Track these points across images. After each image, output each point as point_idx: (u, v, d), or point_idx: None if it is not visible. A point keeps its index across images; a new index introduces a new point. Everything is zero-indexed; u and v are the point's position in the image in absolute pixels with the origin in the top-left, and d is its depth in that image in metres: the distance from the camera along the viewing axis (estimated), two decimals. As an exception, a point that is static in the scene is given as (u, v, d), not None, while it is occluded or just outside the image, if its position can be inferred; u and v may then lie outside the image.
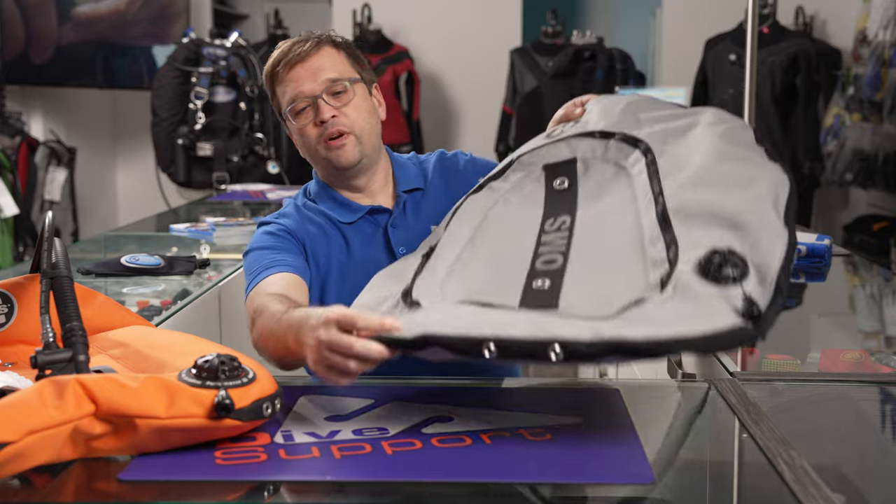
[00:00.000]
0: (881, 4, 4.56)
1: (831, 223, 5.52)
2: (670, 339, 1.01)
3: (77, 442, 1.01)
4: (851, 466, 1.13)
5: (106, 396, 1.00)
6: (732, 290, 1.06)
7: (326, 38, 1.67)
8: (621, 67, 4.80)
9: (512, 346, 1.04)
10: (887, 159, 4.57)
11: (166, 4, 5.38)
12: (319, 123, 1.62)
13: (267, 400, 1.10)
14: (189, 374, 1.07)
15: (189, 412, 1.03)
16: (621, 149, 1.42)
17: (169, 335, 1.38)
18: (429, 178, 1.75)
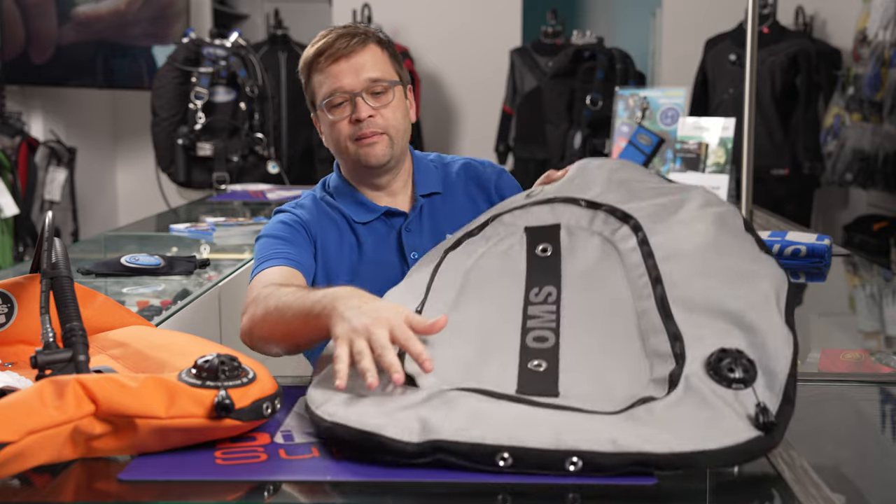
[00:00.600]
0: (881, 4, 4.56)
1: (831, 223, 5.52)
2: (694, 453, 0.98)
3: (77, 442, 1.01)
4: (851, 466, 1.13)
5: (106, 396, 1.00)
6: (744, 396, 1.04)
7: (373, 36, 1.66)
8: (621, 67, 4.80)
9: (529, 456, 0.98)
10: (887, 159, 4.57)
11: (166, 4, 5.38)
12: (354, 121, 1.61)
13: (267, 400, 1.10)
14: (189, 375, 1.07)
15: (189, 412, 1.03)
16: (608, 222, 1.35)
17: (169, 335, 1.37)
18: (450, 182, 1.75)
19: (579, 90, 4.82)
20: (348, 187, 1.71)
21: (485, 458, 0.99)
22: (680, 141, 3.83)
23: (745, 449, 1.00)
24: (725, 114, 4.47)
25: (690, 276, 1.24)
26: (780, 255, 2.28)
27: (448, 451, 1.00)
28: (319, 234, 1.67)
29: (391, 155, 1.64)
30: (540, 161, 5.14)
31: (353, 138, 1.62)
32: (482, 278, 1.33)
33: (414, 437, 1.01)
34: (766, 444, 1.01)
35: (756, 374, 1.07)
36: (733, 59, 4.92)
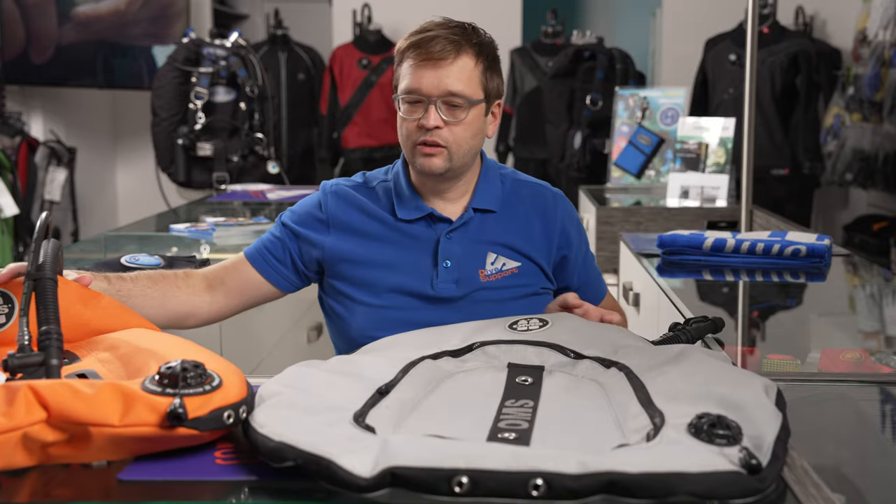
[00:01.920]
0: (881, 4, 4.56)
1: (831, 223, 5.52)
2: (669, 473, 0.90)
3: (31, 449, 0.99)
4: (851, 466, 1.13)
5: (58, 403, 0.97)
6: (728, 448, 0.96)
7: (474, 47, 1.61)
8: (621, 67, 4.80)
9: (488, 479, 0.90)
10: (887, 159, 4.57)
11: (166, 4, 5.38)
12: (421, 126, 1.60)
13: (229, 408, 1.05)
14: (152, 381, 1.04)
15: (143, 420, 1.00)
16: (594, 367, 1.30)
17: (163, 339, 1.35)
18: (512, 202, 1.71)
19: (579, 90, 4.83)
20: (406, 180, 1.70)
21: (440, 484, 0.91)
22: (680, 141, 3.83)
23: (726, 480, 0.91)
24: (725, 114, 4.47)
25: (677, 378, 1.20)
26: (780, 255, 2.29)
27: (401, 479, 0.92)
28: (343, 223, 1.68)
29: (448, 168, 1.62)
30: (540, 161, 5.14)
31: (416, 142, 1.61)
32: (457, 385, 1.25)
33: (367, 469, 0.93)
34: (751, 484, 0.92)
35: (741, 436, 0.99)
36: (733, 59, 4.92)
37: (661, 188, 4.02)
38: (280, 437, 1.00)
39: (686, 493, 0.90)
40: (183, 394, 1.02)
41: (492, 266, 1.67)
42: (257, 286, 1.70)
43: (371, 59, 5.35)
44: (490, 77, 1.64)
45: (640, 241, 2.70)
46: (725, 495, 0.91)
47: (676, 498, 0.90)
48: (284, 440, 0.99)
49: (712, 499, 0.91)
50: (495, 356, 1.33)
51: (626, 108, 4.32)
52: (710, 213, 3.51)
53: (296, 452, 0.97)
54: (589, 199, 3.80)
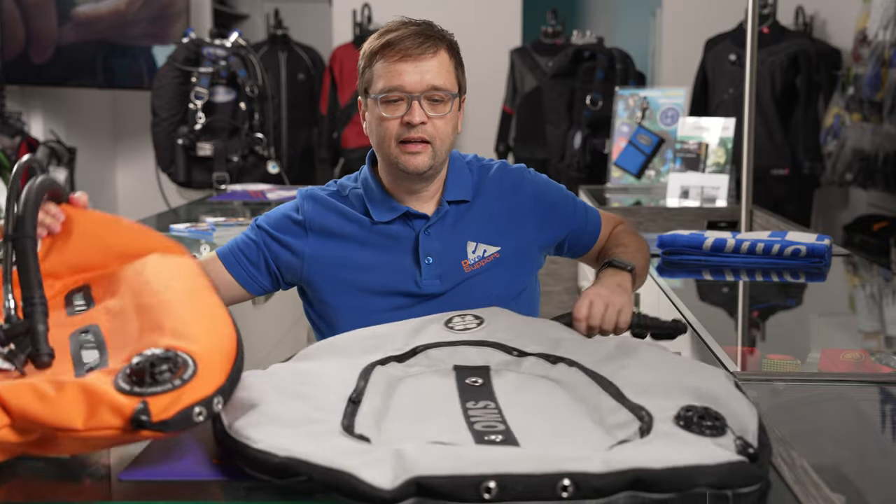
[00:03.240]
0: (881, 4, 4.56)
1: (831, 223, 5.52)
2: (689, 467, 0.93)
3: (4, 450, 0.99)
4: (851, 466, 1.13)
5: (21, 407, 0.96)
6: (720, 438, 1.00)
7: (445, 42, 1.63)
8: (621, 67, 4.80)
9: (516, 483, 0.89)
10: (887, 159, 4.57)
11: (166, 4, 5.38)
12: (405, 123, 1.59)
13: (201, 404, 1.00)
14: (123, 376, 1.00)
15: (107, 424, 0.96)
16: (539, 363, 1.30)
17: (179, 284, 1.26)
18: (482, 188, 1.72)
19: (579, 90, 4.83)
20: (376, 182, 1.69)
21: (468, 491, 0.89)
22: (680, 141, 3.83)
23: (736, 469, 0.95)
24: (725, 114, 4.47)
25: (641, 371, 1.20)
26: (780, 255, 2.29)
27: (427, 489, 0.90)
28: (321, 227, 1.68)
29: (431, 165, 1.62)
30: (540, 161, 5.14)
31: (399, 140, 1.60)
32: (410, 391, 1.24)
33: (387, 481, 0.91)
34: (754, 472, 0.96)
35: (726, 426, 1.02)
36: (733, 59, 4.92)
37: (661, 188, 4.02)
38: (287, 452, 0.96)
39: (704, 485, 0.93)
40: (149, 393, 0.97)
41: (473, 255, 1.67)
42: (226, 286, 1.67)
43: (371, 59, 5.34)
44: (460, 72, 1.67)
45: (640, 241, 2.69)
46: (737, 484, 0.95)
47: (694, 490, 0.93)
48: (293, 455, 0.95)
49: (725, 488, 0.94)
50: (439, 359, 1.32)
51: (626, 108, 4.32)
52: (710, 213, 3.51)
53: (309, 467, 0.93)
54: (589, 199, 3.80)
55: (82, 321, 1.23)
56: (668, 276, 2.25)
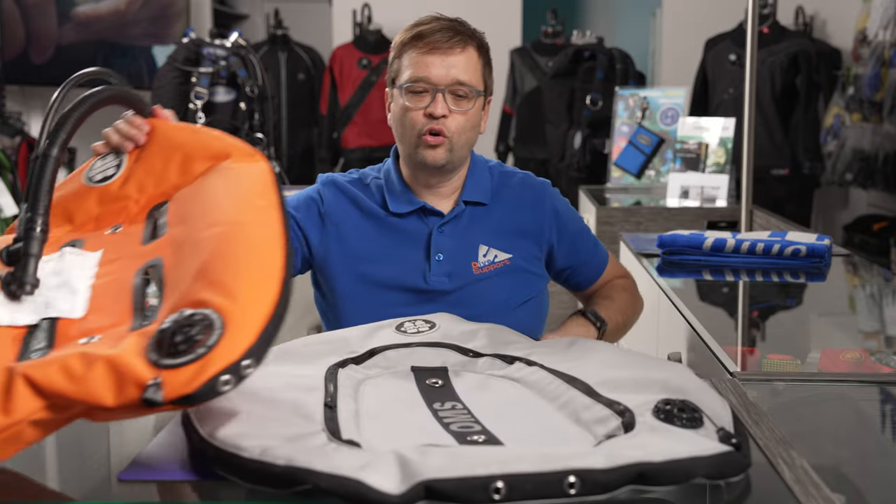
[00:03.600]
0: (881, 4, 4.56)
1: (831, 223, 5.52)
2: (688, 459, 0.94)
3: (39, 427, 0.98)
4: (851, 466, 1.13)
5: (51, 385, 0.95)
6: (702, 430, 1.01)
7: (476, 40, 1.65)
8: (621, 67, 4.80)
9: (524, 482, 0.89)
10: (887, 159, 4.57)
11: (166, 4, 5.38)
12: (428, 115, 1.61)
13: (229, 371, 0.94)
14: (152, 343, 0.96)
15: (135, 399, 0.94)
16: (495, 363, 1.31)
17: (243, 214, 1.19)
18: (501, 194, 1.72)
19: (579, 90, 4.83)
20: (398, 176, 1.71)
21: (477, 492, 0.89)
22: (680, 141, 3.83)
23: (727, 459, 0.96)
24: (725, 114, 4.47)
25: (607, 369, 1.21)
26: (780, 255, 2.29)
27: (436, 492, 0.89)
28: (337, 217, 1.68)
29: (448, 160, 1.63)
30: (540, 161, 5.14)
31: (420, 132, 1.62)
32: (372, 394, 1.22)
33: (394, 485, 0.89)
34: (742, 461, 0.97)
35: (704, 417, 1.04)
36: (733, 59, 4.92)
37: (661, 188, 4.02)
38: (287, 461, 0.94)
39: (702, 476, 0.95)
40: (169, 365, 0.93)
41: (484, 258, 1.68)
42: None
43: (371, 59, 5.35)
44: (488, 73, 1.68)
45: (640, 241, 2.70)
46: (729, 474, 0.96)
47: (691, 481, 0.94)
48: (294, 464, 0.93)
49: (720, 478, 0.96)
50: (396, 360, 1.32)
51: (626, 108, 4.32)
52: (710, 213, 3.51)
53: (313, 475, 0.92)
54: (589, 199, 3.80)
55: (152, 252, 1.20)
56: (668, 276, 2.25)
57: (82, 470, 1.04)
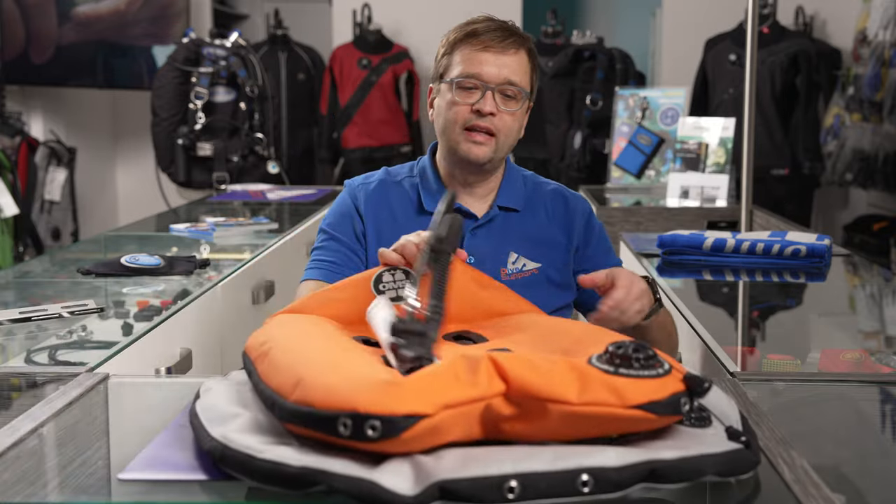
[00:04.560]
0: (881, 4, 4.56)
1: (831, 223, 5.52)
2: (698, 456, 0.94)
3: (486, 421, 0.96)
4: (851, 466, 1.13)
5: (518, 375, 0.95)
6: (710, 429, 1.03)
7: (528, 44, 1.67)
8: (621, 67, 4.80)
9: (538, 481, 0.89)
10: (887, 159, 4.57)
11: (166, 4, 5.38)
12: (475, 111, 1.62)
13: (684, 395, 0.99)
14: (600, 360, 1.00)
15: (602, 399, 0.95)
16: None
17: (562, 323, 1.34)
18: (534, 202, 1.73)
19: (579, 90, 4.83)
20: (434, 173, 1.72)
21: (491, 492, 0.89)
22: (680, 141, 3.83)
23: (736, 457, 0.97)
24: (725, 114, 4.47)
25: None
26: (780, 255, 2.29)
27: (450, 493, 0.89)
28: (372, 218, 1.70)
29: (491, 158, 1.65)
30: (540, 161, 5.14)
31: (465, 126, 1.63)
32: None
33: (409, 487, 0.89)
34: (751, 459, 0.98)
35: (712, 416, 1.05)
36: (733, 59, 4.92)
37: (661, 188, 4.02)
38: (300, 461, 0.93)
39: (712, 474, 0.95)
40: (640, 375, 0.98)
41: (513, 265, 1.68)
42: None
43: (371, 59, 5.35)
44: (535, 77, 1.70)
45: (640, 241, 2.70)
46: (738, 471, 0.96)
47: (702, 479, 0.94)
48: (307, 465, 0.92)
49: (730, 476, 0.96)
50: None
51: (626, 108, 4.32)
52: (710, 213, 3.51)
53: (328, 476, 0.91)
54: (589, 199, 3.80)
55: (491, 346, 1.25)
56: (668, 276, 2.25)
57: (82, 470, 1.04)
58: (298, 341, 1.19)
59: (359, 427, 0.91)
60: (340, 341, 1.23)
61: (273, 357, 1.13)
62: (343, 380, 0.97)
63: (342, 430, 0.92)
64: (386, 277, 1.41)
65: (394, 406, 0.90)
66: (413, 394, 0.92)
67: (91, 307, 1.84)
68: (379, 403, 0.91)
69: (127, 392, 1.39)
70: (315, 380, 0.99)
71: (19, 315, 1.77)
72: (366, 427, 0.90)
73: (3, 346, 1.64)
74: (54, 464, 1.07)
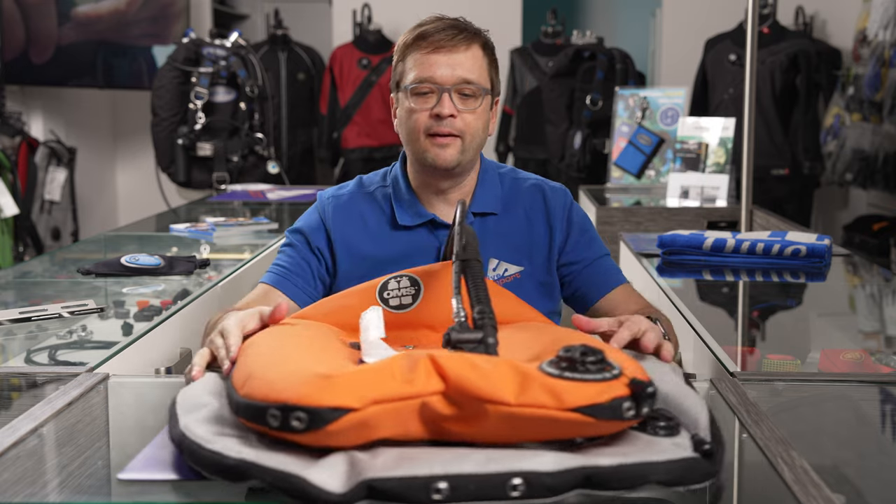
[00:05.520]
0: (881, 4, 4.56)
1: (831, 223, 5.52)
2: (639, 464, 0.92)
3: (427, 420, 0.97)
4: (851, 466, 1.13)
5: (456, 374, 0.94)
6: (675, 438, 1.00)
7: (480, 37, 1.62)
8: (621, 67, 4.80)
9: (467, 483, 0.88)
10: (887, 159, 4.57)
11: (166, 4, 5.38)
12: (435, 115, 1.57)
13: (629, 399, 0.97)
14: (550, 364, 0.99)
15: (540, 402, 0.94)
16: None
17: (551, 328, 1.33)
18: (512, 201, 1.68)
19: (579, 90, 4.82)
20: (406, 183, 1.67)
21: (419, 492, 0.88)
22: (680, 141, 3.83)
23: (688, 466, 0.94)
24: (725, 114, 4.47)
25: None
26: (780, 255, 2.29)
27: (377, 492, 0.89)
28: (340, 231, 1.66)
29: (459, 161, 1.60)
30: (540, 161, 5.14)
31: (428, 133, 1.58)
32: None
33: (338, 484, 0.89)
34: (706, 469, 0.95)
35: (679, 426, 1.03)
36: (733, 59, 4.92)
37: (661, 188, 4.02)
38: (239, 454, 0.94)
39: (655, 482, 0.92)
40: (583, 378, 0.96)
41: (494, 272, 1.64)
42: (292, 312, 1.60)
43: (371, 59, 5.35)
44: (494, 71, 1.64)
45: (640, 241, 2.70)
46: (689, 481, 0.93)
47: (645, 487, 0.92)
48: (244, 457, 0.94)
49: (677, 485, 0.93)
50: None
51: (626, 108, 4.32)
52: (710, 213, 3.51)
53: (260, 470, 0.92)
54: (589, 199, 3.80)
55: None
56: (668, 276, 2.25)
57: (82, 470, 1.04)
58: (278, 341, 1.21)
59: (286, 418, 0.93)
60: (325, 344, 1.23)
61: (245, 354, 1.17)
62: (281, 374, 1.00)
63: (272, 421, 0.95)
64: (392, 285, 1.41)
65: (321, 399, 0.93)
66: (343, 388, 0.94)
67: (91, 307, 1.84)
68: (307, 396, 0.93)
69: (127, 392, 1.39)
70: (260, 375, 1.03)
71: (19, 315, 1.77)
72: (292, 418, 0.93)
73: (3, 346, 1.64)
74: (54, 464, 1.08)
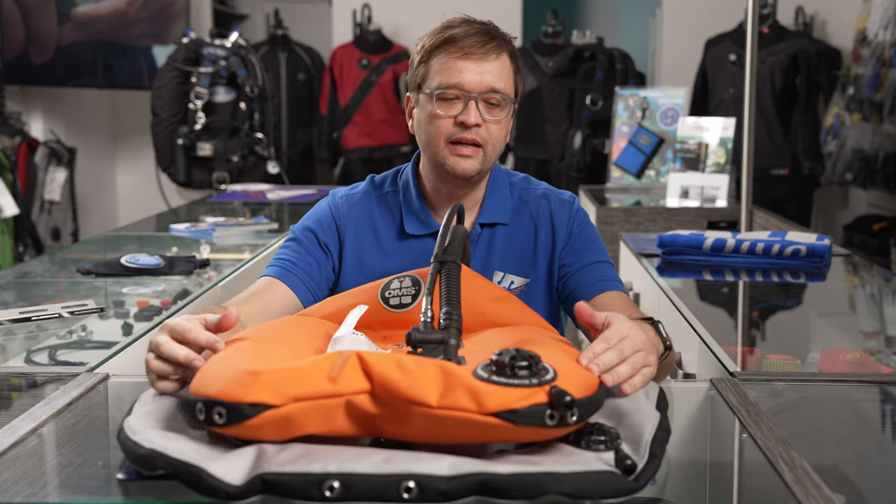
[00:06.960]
0: (881, 4, 4.56)
1: (831, 223, 5.52)
2: (539, 473, 0.91)
3: (355, 419, 0.97)
4: (851, 466, 1.13)
5: (381, 374, 0.95)
6: (604, 454, 0.97)
7: (509, 46, 1.58)
8: (621, 67, 4.80)
9: (359, 483, 0.89)
10: (887, 159, 4.57)
11: (166, 4, 5.38)
12: (459, 123, 1.53)
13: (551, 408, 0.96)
14: (483, 367, 0.98)
15: (461, 405, 0.94)
16: None
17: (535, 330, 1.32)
18: (521, 210, 1.65)
19: (579, 90, 4.83)
20: (416, 189, 1.64)
21: (311, 489, 0.89)
22: (680, 141, 3.83)
23: (597, 479, 0.91)
24: (725, 114, 4.47)
25: None
26: (780, 255, 2.29)
27: (272, 486, 0.90)
28: (352, 232, 1.63)
29: (479, 170, 1.56)
30: (540, 161, 5.14)
31: (450, 140, 1.54)
32: None
33: (237, 476, 0.91)
34: (624, 484, 0.92)
35: (618, 440, 1.00)
36: (733, 59, 4.92)
37: (661, 188, 4.02)
38: (151, 444, 0.97)
39: (557, 493, 0.90)
40: (510, 384, 0.96)
41: (499, 285, 1.61)
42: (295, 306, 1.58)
43: (371, 59, 5.35)
44: (518, 79, 1.61)
45: (640, 241, 2.70)
46: (597, 494, 0.91)
47: (548, 498, 0.90)
48: (155, 448, 0.96)
49: (583, 498, 0.91)
50: None
51: (626, 108, 4.32)
52: (710, 213, 3.51)
53: (165, 460, 0.94)
54: (589, 199, 3.80)
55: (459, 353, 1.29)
56: (668, 276, 2.25)
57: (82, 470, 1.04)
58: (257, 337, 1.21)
59: (210, 412, 0.97)
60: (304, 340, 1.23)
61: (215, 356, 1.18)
62: (218, 370, 1.03)
63: (199, 414, 0.98)
64: (394, 284, 1.41)
65: (242, 394, 0.96)
66: (266, 385, 0.96)
67: (91, 307, 1.84)
68: (229, 392, 0.96)
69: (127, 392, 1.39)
70: (203, 369, 1.06)
71: (19, 315, 1.77)
72: (213, 413, 0.97)
73: (3, 346, 1.64)
74: (54, 464, 1.07)
